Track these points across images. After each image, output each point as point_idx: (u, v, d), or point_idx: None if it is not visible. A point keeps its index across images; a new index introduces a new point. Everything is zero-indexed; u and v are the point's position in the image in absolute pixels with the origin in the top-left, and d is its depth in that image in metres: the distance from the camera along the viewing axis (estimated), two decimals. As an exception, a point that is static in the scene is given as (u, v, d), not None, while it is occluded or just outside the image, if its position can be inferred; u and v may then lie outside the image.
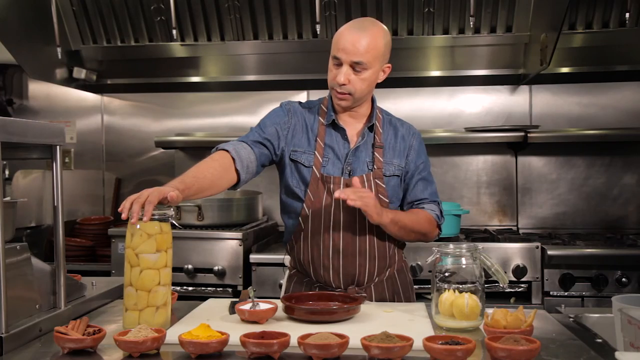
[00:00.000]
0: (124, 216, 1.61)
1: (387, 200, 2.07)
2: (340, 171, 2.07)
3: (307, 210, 2.05)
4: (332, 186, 2.04)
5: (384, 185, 2.07)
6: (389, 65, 2.07)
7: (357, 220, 2.03)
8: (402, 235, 2.07)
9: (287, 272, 2.25)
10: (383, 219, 1.95)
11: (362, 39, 1.95)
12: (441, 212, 2.18)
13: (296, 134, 2.10)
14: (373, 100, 2.14)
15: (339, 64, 1.98)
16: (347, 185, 2.02)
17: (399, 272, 2.15)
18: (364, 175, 2.05)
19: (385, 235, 2.07)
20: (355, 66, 1.97)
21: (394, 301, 2.10)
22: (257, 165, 2.04)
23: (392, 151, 2.11)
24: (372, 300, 2.07)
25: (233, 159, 1.96)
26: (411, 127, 2.19)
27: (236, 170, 1.97)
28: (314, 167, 2.06)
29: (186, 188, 1.78)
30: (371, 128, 2.11)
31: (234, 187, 2.01)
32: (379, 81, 2.06)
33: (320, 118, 2.12)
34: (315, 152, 2.07)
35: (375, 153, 2.08)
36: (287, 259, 2.26)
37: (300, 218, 2.07)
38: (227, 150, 1.97)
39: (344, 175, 2.06)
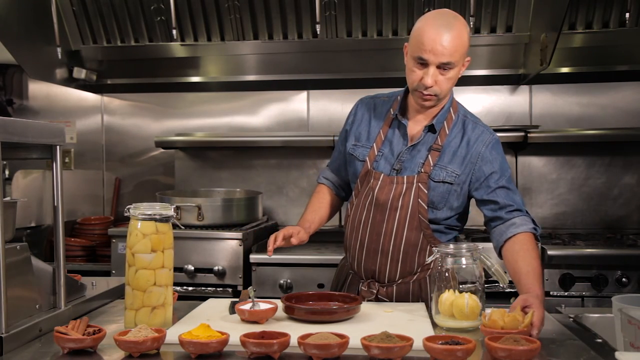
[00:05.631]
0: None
1: (426, 207, 1.99)
2: (390, 167, 2.04)
3: (353, 198, 2.11)
4: (372, 181, 2.04)
5: (426, 191, 1.98)
6: (469, 58, 1.99)
7: (386, 221, 2.01)
8: None
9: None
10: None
11: (450, 39, 1.86)
12: (533, 220, 1.96)
13: (359, 127, 2.15)
14: (449, 98, 2.05)
15: (424, 65, 1.90)
16: (385, 184, 2.02)
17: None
18: (405, 177, 2.00)
19: (419, 241, 2.01)
20: (442, 66, 1.89)
21: None
22: (345, 180, 2.27)
23: (451, 156, 2.00)
24: (392, 300, 2.05)
25: (329, 187, 2.32)
26: (484, 133, 2.03)
27: (336, 194, 2.32)
28: (367, 159, 2.07)
29: (311, 224, 2.19)
30: (433, 128, 2.02)
31: (345, 200, 2.33)
32: (460, 76, 1.99)
33: (391, 110, 2.10)
34: (374, 145, 2.07)
35: (429, 156, 2.01)
36: None
37: (349, 204, 2.15)
38: (323, 184, 2.33)
39: (392, 173, 2.02)
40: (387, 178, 2.02)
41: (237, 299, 1.93)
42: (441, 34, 1.86)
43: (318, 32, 3.44)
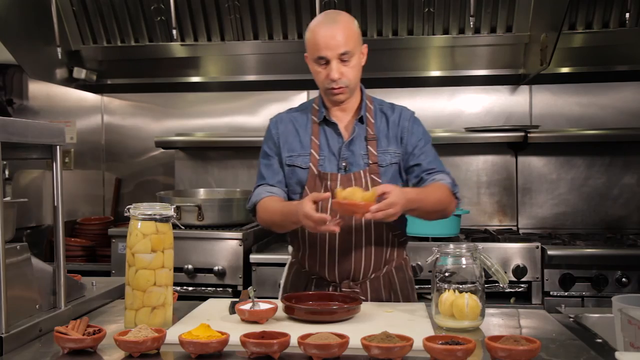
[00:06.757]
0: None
1: None
2: (336, 167, 2.08)
3: None
4: (329, 183, 2.05)
5: (379, 180, 2.06)
6: (365, 45, 2.10)
7: (354, 217, 2.02)
8: (423, 217, 2.08)
9: (289, 259, 2.27)
10: (406, 209, 1.90)
11: (338, 30, 1.99)
12: (454, 181, 2.11)
13: (287, 140, 2.14)
14: (362, 92, 2.16)
15: (326, 62, 2.02)
16: (343, 182, 2.03)
17: (398, 269, 2.14)
18: (361, 172, 2.06)
19: (383, 232, 2.07)
20: (342, 57, 2.00)
21: (391, 298, 2.11)
22: (285, 193, 2.16)
23: (386, 139, 2.11)
24: (366, 296, 2.08)
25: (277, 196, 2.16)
26: (403, 110, 2.17)
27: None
28: (311, 164, 2.08)
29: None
30: (362, 120, 2.11)
31: None
32: (362, 64, 2.09)
33: (313, 117, 2.14)
34: (312, 151, 2.09)
35: (369, 146, 2.09)
36: (290, 247, 2.28)
37: None
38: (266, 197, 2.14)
39: (340, 171, 2.07)
40: (344, 176, 2.05)
41: (237, 299, 1.94)
42: (330, 29, 2.00)
43: (318, 32, 3.43)
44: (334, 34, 1.98)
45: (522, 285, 3.13)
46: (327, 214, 1.86)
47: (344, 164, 2.07)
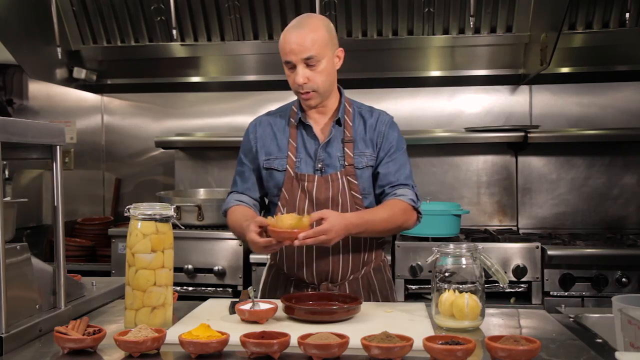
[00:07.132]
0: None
1: (360, 196, 2.06)
2: (312, 168, 2.08)
3: (282, 208, 2.08)
4: (306, 184, 2.06)
5: (356, 182, 2.06)
6: (341, 49, 2.08)
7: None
8: (376, 235, 2.09)
9: (268, 261, 2.27)
10: (350, 233, 1.93)
11: (303, 35, 1.98)
12: (417, 195, 2.09)
13: (265, 143, 2.14)
14: (341, 94, 2.15)
15: (292, 67, 2.01)
16: (320, 183, 2.04)
17: (376, 270, 2.15)
18: (338, 173, 2.06)
19: None
20: (308, 62, 1.99)
21: (370, 299, 2.10)
22: (257, 199, 2.19)
23: (363, 142, 2.10)
24: None
25: (246, 206, 2.16)
26: (381, 115, 2.15)
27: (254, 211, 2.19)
28: (287, 167, 2.08)
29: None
30: (339, 122, 2.11)
31: None
32: (337, 68, 2.08)
33: (291, 119, 2.15)
34: (289, 153, 2.10)
35: (345, 148, 2.08)
36: None
37: (276, 215, 2.07)
38: (235, 206, 2.15)
39: (316, 172, 2.07)
40: (321, 178, 2.06)
41: (237, 299, 1.94)
42: (294, 34, 1.99)
43: (318, 32, 3.43)
44: (299, 39, 1.97)
45: (522, 285, 3.13)
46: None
47: (319, 165, 2.07)
